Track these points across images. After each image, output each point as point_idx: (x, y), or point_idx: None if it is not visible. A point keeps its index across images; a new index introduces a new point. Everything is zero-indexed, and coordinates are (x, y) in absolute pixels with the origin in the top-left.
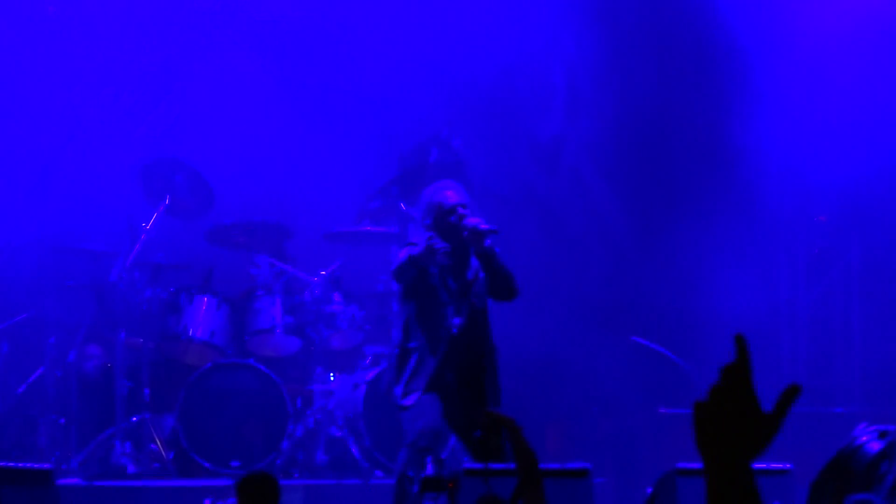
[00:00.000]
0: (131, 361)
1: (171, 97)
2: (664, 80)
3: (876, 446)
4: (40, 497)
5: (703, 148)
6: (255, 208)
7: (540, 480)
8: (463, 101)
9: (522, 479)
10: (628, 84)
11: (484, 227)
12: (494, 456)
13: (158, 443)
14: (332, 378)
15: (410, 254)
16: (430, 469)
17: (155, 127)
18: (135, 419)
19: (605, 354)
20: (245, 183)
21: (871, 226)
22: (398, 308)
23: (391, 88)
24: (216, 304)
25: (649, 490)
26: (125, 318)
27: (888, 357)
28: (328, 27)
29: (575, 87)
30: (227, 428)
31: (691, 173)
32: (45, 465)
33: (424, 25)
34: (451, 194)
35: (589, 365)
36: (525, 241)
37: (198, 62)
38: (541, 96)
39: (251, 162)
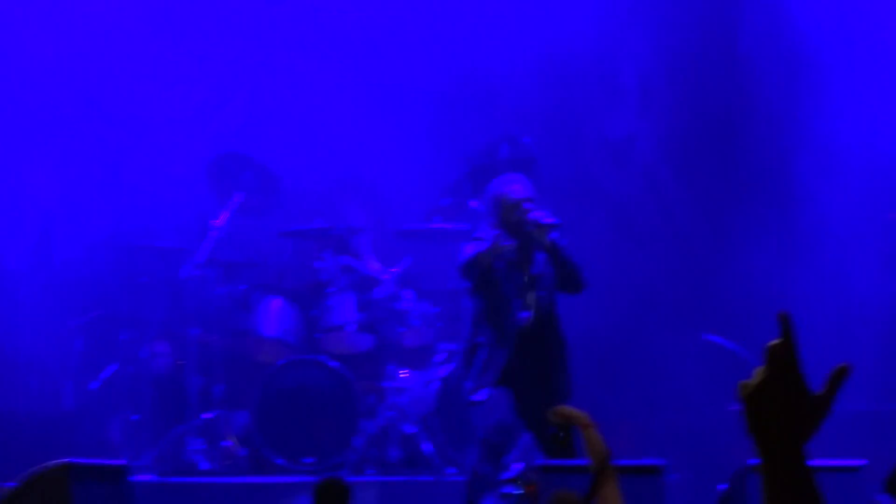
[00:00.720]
0: (203, 358)
1: (242, 94)
2: (735, 75)
3: None
4: (114, 493)
5: (773, 143)
6: (325, 205)
7: (614, 477)
8: (533, 98)
9: (596, 475)
10: (699, 80)
11: (548, 220)
12: (567, 452)
13: (231, 439)
14: (404, 375)
15: (476, 250)
16: (502, 466)
17: (225, 124)
18: (207, 416)
19: (676, 351)
20: (315, 180)
21: None
22: (469, 304)
23: (463, 85)
24: (288, 302)
25: (722, 487)
26: (197, 315)
27: None
28: (401, 24)
29: (646, 84)
30: (300, 425)
31: (762, 169)
32: (119, 462)
33: (496, 22)
34: (518, 188)
35: (660, 361)
36: (596, 238)
37: (268, 59)
38: (611, 93)
39: (322, 158)
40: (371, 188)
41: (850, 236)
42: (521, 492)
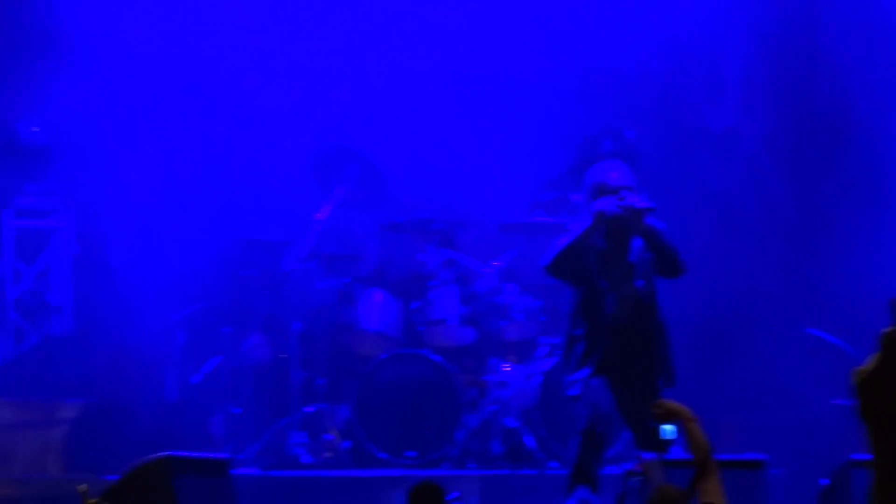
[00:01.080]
0: (305, 352)
1: (345, 87)
2: (840, 69)
3: None
4: (216, 486)
5: (880, 138)
6: (428, 198)
7: (715, 471)
8: (636, 93)
9: (698, 469)
10: (803, 72)
11: (641, 204)
12: (666, 446)
13: (333, 433)
14: (506, 369)
15: (561, 246)
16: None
17: (329, 117)
18: (309, 409)
19: (778, 345)
20: (418, 173)
21: None
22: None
23: (565, 80)
24: (390, 295)
25: (824, 482)
26: (300, 308)
27: None
28: (505, 19)
29: (749, 77)
30: (402, 418)
31: (867, 163)
32: (221, 455)
33: (599, 16)
34: (615, 175)
35: (763, 355)
36: (699, 231)
37: (371, 52)
38: (714, 87)
39: (425, 151)
40: (474, 181)
41: None
42: (637, 485)
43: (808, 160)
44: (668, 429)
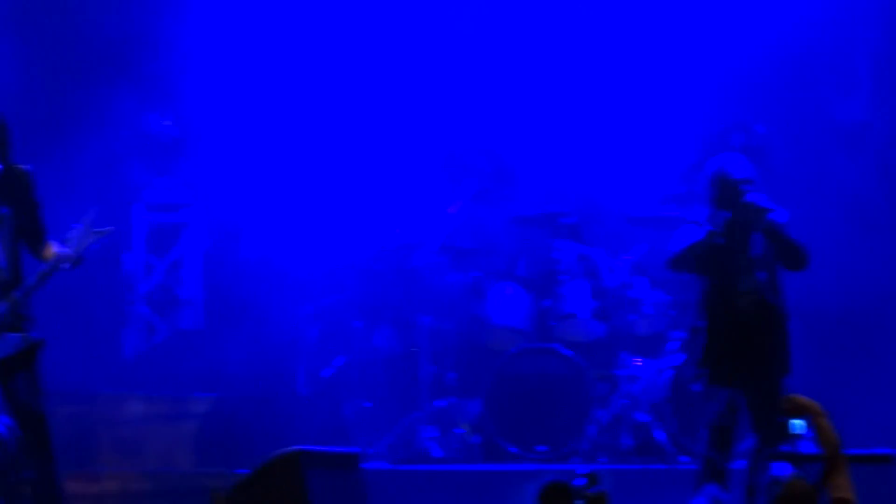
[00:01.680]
0: (436, 346)
1: (477, 84)
2: None
3: None
4: (347, 480)
5: None
6: (558, 192)
7: (845, 465)
8: (767, 87)
9: (828, 464)
10: None
11: (763, 204)
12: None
13: (464, 427)
14: (637, 363)
15: (685, 240)
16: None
17: (460, 113)
18: (440, 404)
19: None
20: (549, 167)
21: None
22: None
23: (696, 74)
24: (520, 289)
25: None
26: (430, 302)
27: None
28: (635, 15)
29: (879, 70)
30: (533, 413)
31: None
32: (352, 449)
33: (729, 10)
34: (737, 169)
35: (892, 350)
36: (828, 225)
37: (501, 49)
38: (844, 80)
39: (555, 145)
40: (604, 175)
41: None
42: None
43: None
44: (797, 423)
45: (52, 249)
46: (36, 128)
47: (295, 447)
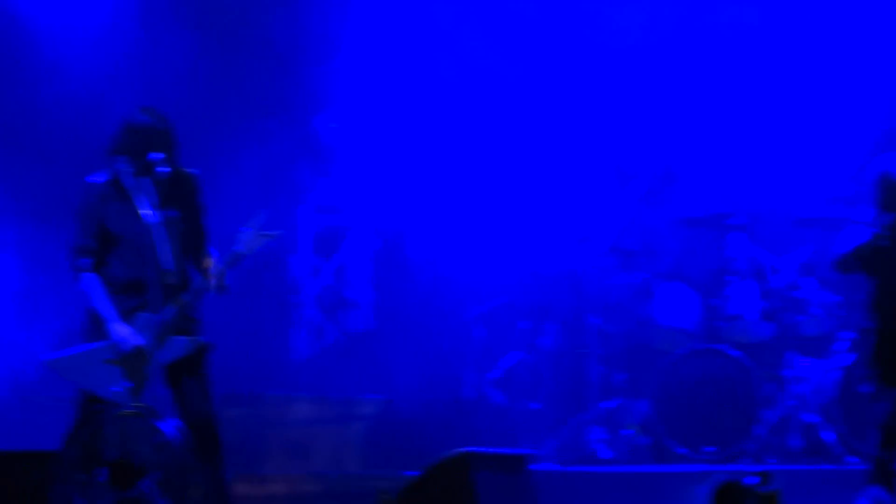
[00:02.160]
0: (603, 347)
1: (644, 85)
2: None
3: None
4: (515, 482)
5: None
6: (725, 193)
7: None
8: None
9: None
10: None
11: None
12: None
13: (632, 428)
14: (804, 364)
15: (851, 244)
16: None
17: (624, 114)
18: (608, 405)
19: None
20: (716, 168)
21: None
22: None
23: (866, 73)
24: (687, 290)
25: None
26: (597, 303)
27: None
28: (798, 14)
29: None
30: (700, 413)
31: None
32: (520, 451)
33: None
34: None
35: None
36: None
37: (668, 50)
38: None
39: (722, 146)
40: (771, 176)
41: None
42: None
43: None
44: None
45: (211, 260)
46: (204, 130)
47: (463, 449)
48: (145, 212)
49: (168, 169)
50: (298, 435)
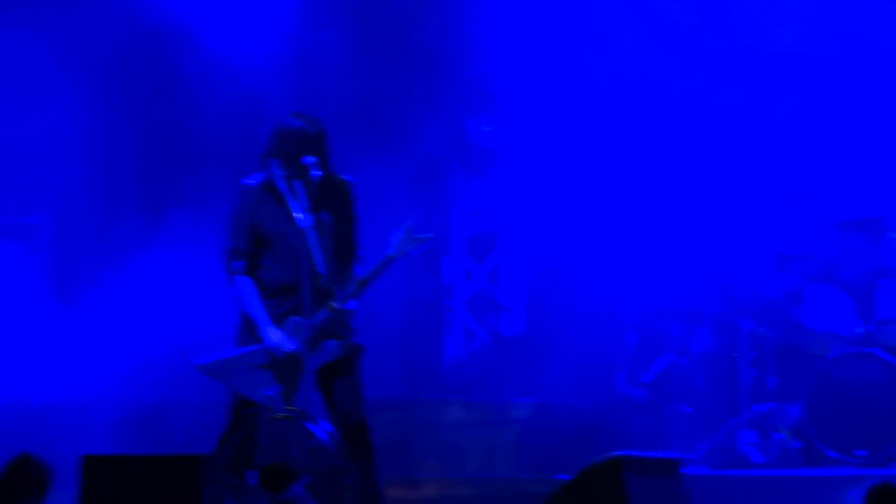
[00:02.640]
0: (756, 351)
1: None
2: None
3: None
4: (666, 486)
5: None
6: (881, 196)
7: None
8: None
9: None
10: None
11: None
12: None
13: (784, 432)
14: None
15: None
16: None
17: (778, 116)
18: (760, 408)
19: None
20: (872, 170)
21: None
22: None
23: None
24: (840, 294)
25: None
26: (750, 307)
27: None
28: None
29: None
30: (852, 417)
31: None
32: (672, 454)
33: None
34: None
35: None
36: None
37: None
38: None
39: (878, 148)
40: None
41: None
42: None
43: None
44: None
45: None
46: (357, 132)
47: (615, 452)
48: (298, 215)
49: (320, 173)
50: (451, 438)
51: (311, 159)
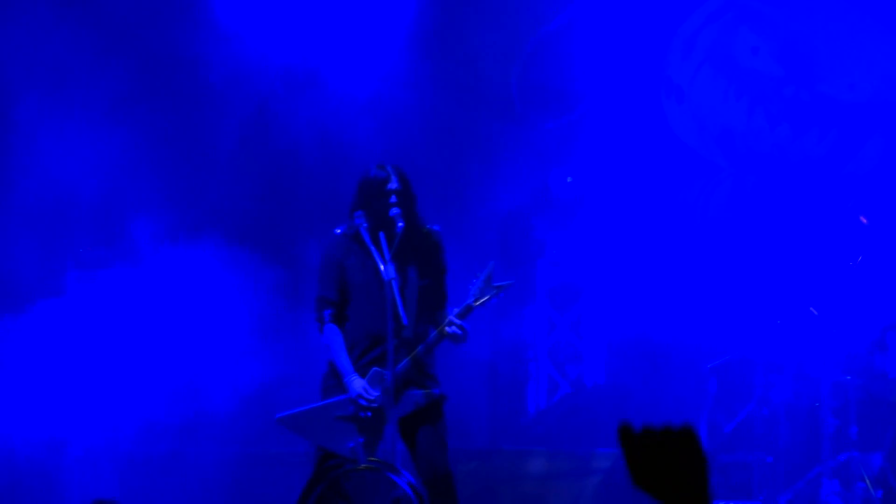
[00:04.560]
0: (838, 399)
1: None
2: None
3: None
4: None
5: None
6: None
7: None
8: None
9: None
10: None
11: None
12: None
13: (866, 481)
14: None
15: None
16: None
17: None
18: (842, 457)
19: None
20: None
21: None
22: None
23: None
24: None
25: None
26: (832, 355)
27: None
28: None
29: None
30: None
31: None
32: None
33: None
34: None
35: None
36: None
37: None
38: None
39: None
40: None
41: None
42: None
43: None
44: None
45: (445, 329)
46: (442, 182)
47: None
48: (381, 266)
49: (403, 224)
50: (533, 489)
51: (395, 210)
